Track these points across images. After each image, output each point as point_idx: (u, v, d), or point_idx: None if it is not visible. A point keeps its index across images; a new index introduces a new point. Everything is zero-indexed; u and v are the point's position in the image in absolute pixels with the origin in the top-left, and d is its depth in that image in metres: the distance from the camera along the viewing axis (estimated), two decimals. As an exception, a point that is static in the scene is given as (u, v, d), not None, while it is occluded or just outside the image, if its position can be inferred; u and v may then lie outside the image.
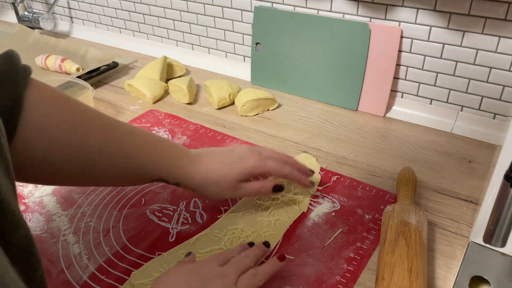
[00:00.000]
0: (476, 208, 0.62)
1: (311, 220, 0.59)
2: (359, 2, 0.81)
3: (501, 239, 0.42)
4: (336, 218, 0.60)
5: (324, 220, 0.59)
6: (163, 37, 1.14)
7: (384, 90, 0.83)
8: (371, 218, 0.60)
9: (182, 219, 0.60)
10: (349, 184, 0.66)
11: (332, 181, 0.67)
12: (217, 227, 0.58)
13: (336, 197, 0.63)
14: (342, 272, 0.52)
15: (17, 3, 1.22)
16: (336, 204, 0.62)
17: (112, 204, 0.63)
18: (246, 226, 0.57)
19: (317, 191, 0.64)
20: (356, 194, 0.64)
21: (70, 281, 0.51)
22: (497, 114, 0.77)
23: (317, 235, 0.57)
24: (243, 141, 0.77)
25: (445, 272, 0.52)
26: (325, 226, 0.58)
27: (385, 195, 0.64)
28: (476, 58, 0.74)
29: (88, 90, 0.79)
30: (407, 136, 0.78)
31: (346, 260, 0.53)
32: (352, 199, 0.63)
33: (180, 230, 0.58)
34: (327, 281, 0.50)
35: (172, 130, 0.81)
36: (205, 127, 0.82)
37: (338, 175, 0.68)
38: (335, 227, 0.58)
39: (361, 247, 0.55)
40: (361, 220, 0.59)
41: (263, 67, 0.96)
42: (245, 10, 0.96)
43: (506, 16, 0.69)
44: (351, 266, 0.52)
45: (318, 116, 0.85)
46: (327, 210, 0.61)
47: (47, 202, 0.63)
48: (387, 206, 0.59)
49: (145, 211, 0.62)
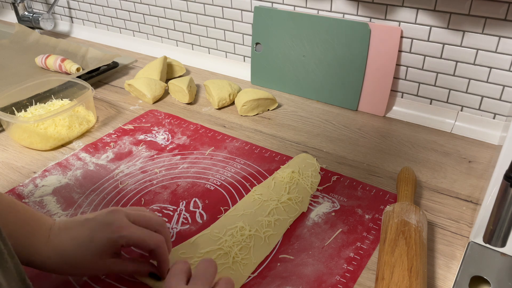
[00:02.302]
0: (476, 208, 0.62)
1: (311, 220, 0.59)
2: (359, 2, 0.81)
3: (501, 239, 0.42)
4: (336, 218, 0.60)
5: (324, 220, 0.59)
6: (163, 37, 1.14)
7: (384, 90, 0.83)
8: (371, 218, 0.60)
9: (182, 219, 0.60)
10: (349, 184, 0.66)
11: (332, 181, 0.67)
12: (217, 227, 0.58)
13: (336, 197, 0.63)
14: (342, 272, 0.51)
15: (17, 3, 1.22)
16: (336, 204, 0.62)
17: (112, 204, 0.63)
18: (246, 225, 0.57)
19: (317, 191, 0.64)
20: (356, 194, 0.64)
21: (70, 281, 0.51)
22: (497, 114, 0.77)
23: (317, 235, 0.57)
24: (243, 141, 0.77)
25: (445, 272, 0.52)
26: (325, 226, 0.58)
27: (385, 195, 0.64)
28: (476, 58, 0.74)
29: (88, 90, 0.79)
30: (407, 136, 0.78)
31: (346, 260, 0.53)
32: (352, 199, 0.63)
33: (180, 230, 0.58)
34: (327, 281, 0.50)
35: (172, 130, 0.81)
36: (205, 127, 0.82)
37: (338, 175, 0.68)
38: (335, 227, 0.58)
39: (361, 247, 0.55)
40: (361, 220, 0.59)
41: (263, 67, 0.96)
42: (245, 10, 0.96)
43: (506, 16, 0.69)
44: (351, 266, 0.52)
45: (318, 116, 0.85)
46: (327, 210, 0.61)
47: (47, 202, 0.63)
48: (387, 206, 0.59)
49: None
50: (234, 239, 0.55)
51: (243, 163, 0.71)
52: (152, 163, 0.72)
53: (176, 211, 0.62)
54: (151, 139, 0.78)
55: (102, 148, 0.76)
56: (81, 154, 0.74)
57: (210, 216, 0.60)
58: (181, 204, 0.63)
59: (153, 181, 0.67)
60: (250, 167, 0.70)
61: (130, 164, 0.71)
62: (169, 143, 0.77)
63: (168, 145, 0.76)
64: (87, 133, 0.80)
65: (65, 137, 0.76)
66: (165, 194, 0.65)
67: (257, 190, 0.63)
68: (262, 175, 0.68)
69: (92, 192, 0.65)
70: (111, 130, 0.81)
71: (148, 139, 0.78)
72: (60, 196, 0.65)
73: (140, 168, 0.70)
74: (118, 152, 0.75)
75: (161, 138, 0.78)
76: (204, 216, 0.61)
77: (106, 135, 0.79)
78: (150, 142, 0.77)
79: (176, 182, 0.67)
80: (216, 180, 0.67)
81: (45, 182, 0.67)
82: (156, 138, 0.78)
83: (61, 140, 0.76)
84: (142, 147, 0.76)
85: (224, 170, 0.70)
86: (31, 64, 1.06)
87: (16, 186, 0.66)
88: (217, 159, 0.72)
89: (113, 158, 0.73)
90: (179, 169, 0.70)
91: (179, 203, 0.63)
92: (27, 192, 0.65)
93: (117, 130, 0.81)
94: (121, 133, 0.80)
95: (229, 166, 0.71)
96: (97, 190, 0.66)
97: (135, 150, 0.75)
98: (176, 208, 0.62)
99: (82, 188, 0.66)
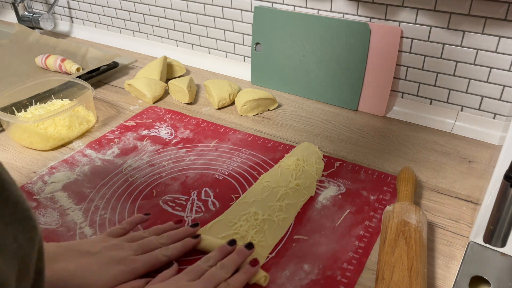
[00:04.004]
0: (476, 208, 0.62)
1: (319, 203, 0.62)
2: (359, 2, 0.81)
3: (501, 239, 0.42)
4: (343, 200, 0.63)
5: (332, 203, 0.62)
6: (163, 37, 1.14)
7: (384, 90, 0.83)
8: (375, 198, 0.63)
9: (196, 208, 0.62)
10: (352, 168, 0.69)
11: (336, 166, 0.70)
12: (231, 213, 0.60)
13: (341, 181, 0.66)
14: (355, 248, 0.55)
15: (17, 3, 1.22)
16: (342, 188, 0.65)
17: (125, 197, 0.64)
18: (259, 211, 0.59)
19: (322, 176, 0.68)
20: (360, 177, 0.67)
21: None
22: (497, 114, 0.77)
23: (327, 217, 0.60)
24: (245, 132, 0.79)
25: (445, 272, 0.52)
26: (334, 208, 0.61)
27: (387, 177, 0.67)
28: (476, 58, 0.74)
29: (88, 90, 0.79)
30: (407, 136, 0.78)
31: (357, 238, 0.56)
32: (356, 182, 0.66)
33: (195, 218, 0.60)
34: (342, 257, 0.54)
35: (174, 125, 0.82)
36: (206, 121, 0.83)
37: (341, 160, 0.72)
38: (343, 208, 0.61)
39: (370, 225, 0.58)
40: (367, 201, 0.62)
41: (263, 67, 0.96)
42: (245, 10, 0.96)
43: (506, 16, 0.69)
44: (362, 243, 0.56)
45: (318, 116, 0.85)
46: (334, 193, 0.64)
47: (58, 198, 0.64)
48: (387, 206, 0.59)
49: (158, 201, 0.63)
50: (249, 223, 0.57)
51: (248, 153, 0.73)
52: (159, 156, 0.73)
53: (189, 200, 0.63)
54: (155, 134, 0.79)
55: (106, 144, 0.76)
56: (87, 151, 0.75)
57: (222, 204, 0.62)
58: (193, 194, 0.64)
59: (162, 173, 0.69)
60: (255, 157, 0.72)
61: (137, 158, 0.73)
62: (173, 137, 0.78)
63: (172, 139, 0.78)
64: (87, 133, 0.80)
65: (65, 137, 0.76)
66: (176, 185, 0.66)
67: (265, 178, 0.66)
68: (268, 164, 0.70)
69: (103, 186, 0.66)
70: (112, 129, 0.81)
71: (151, 134, 0.79)
72: (71, 191, 0.65)
73: (148, 162, 0.72)
74: (123, 147, 0.75)
75: (164, 133, 0.79)
76: (216, 204, 0.62)
77: (109, 132, 0.80)
78: (154, 137, 0.78)
79: (185, 173, 0.69)
80: (224, 170, 0.69)
81: (54, 178, 0.68)
82: (159, 133, 0.79)
83: (61, 140, 0.76)
84: (146, 142, 0.77)
85: (230, 161, 0.71)
86: (31, 64, 1.06)
87: (24, 184, 0.67)
88: (222, 150, 0.74)
89: (119, 154, 0.74)
90: (186, 161, 0.72)
91: (191, 193, 0.65)
92: (36, 189, 0.66)
93: (119, 126, 0.81)
94: (124, 129, 0.81)
95: (234, 156, 0.72)
96: (107, 184, 0.67)
97: (140, 145, 0.76)
98: (188, 198, 0.64)
99: (92, 183, 0.67)
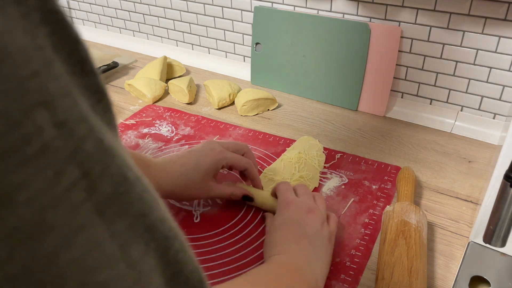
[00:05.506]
0: (476, 208, 0.62)
1: (324, 194, 0.64)
2: (359, 2, 0.81)
3: (501, 239, 0.42)
4: (346, 190, 0.65)
5: (336, 193, 0.64)
6: (163, 37, 1.14)
7: (384, 90, 0.83)
8: (377, 188, 0.65)
9: (203, 201, 0.63)
10: (353, 160, 0.71)
11: (337, 158, 0.72)
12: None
13: (343, 172, 0.68)
14: (361, 235, 0.57)
15: (17, 3, 1.22)
16: (344, 178, 0.67)
17: None
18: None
19: (324, 168, 0.69)
20: (361, 168, 0.69)
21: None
22: (497, 114, 0.77)
23: (332, 206, 0.62)
24: (246, 128, 0.80)
25: (445, 272, 0.52)
26: (338, 198, 0.63)
27: (387, 167, 0.69)
28: (476, 58, 0.74)
29: (88, 90, 0.79)
30: (407, 136, 0.78)
31: (363, 225, 0.58)
32: (358, 173, 0.68)
33: (203, 211, 0.61)
34: (349, 244, 0.56)
35: (175, 122, 0.82)
36: (206, 118, 0.83)
37: (341, 152, 0.73)
38: (347, 198, 0.63)
39: (374, 213, 0.60)
40: (369, 190, 0.64)
41: (263, 67, 0.96)
42: (245, 10, 0.96)
43: (506, 16, 0.69)
44: (368, 230, 0.58)
45: (318, 116, 0.85)
46: (337, 184, 0.66)
47: None
48: (387, 206, 0.59)
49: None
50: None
51: (250, 148, 0.73)
52: (162, 153, 0.73)
53: None
54: (156, 131, 0.79)
55: (108, 143, 0.77)
56: (89, 148, 0.75)
57: (227, 199, 0.63)
58: None
59: None
60: (257, 151, 0.73)
61: None
62: (174, 134, 0.79)
63: (173, 136, 0.78)
64: (87, 133, 0.80)
65: (65, 137, 0.76)
66: None
67: (268, 171, 0.67)
68: (270, 158, 0.72)
69: None
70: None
71: (152, 132, 0.79)
72: None
73: None
74: (125, 145, 0.76)
75: (165, 130, 0.80)
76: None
77: (109, 130, 0.80)
78: (155, 134, 0.79)
79: None
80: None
81: None
82: (160, 130, 0.80)
83: (61, 140, 0.76)
84: (148, 139, 0.77)
85: None
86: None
87: None
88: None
89: None
90: None
91: None
92: None
93: (119, 126, 0.81)
94: (124, 128, 0.81)
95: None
96: None
97: (142, 142, 0.77)
98: None
99: None
